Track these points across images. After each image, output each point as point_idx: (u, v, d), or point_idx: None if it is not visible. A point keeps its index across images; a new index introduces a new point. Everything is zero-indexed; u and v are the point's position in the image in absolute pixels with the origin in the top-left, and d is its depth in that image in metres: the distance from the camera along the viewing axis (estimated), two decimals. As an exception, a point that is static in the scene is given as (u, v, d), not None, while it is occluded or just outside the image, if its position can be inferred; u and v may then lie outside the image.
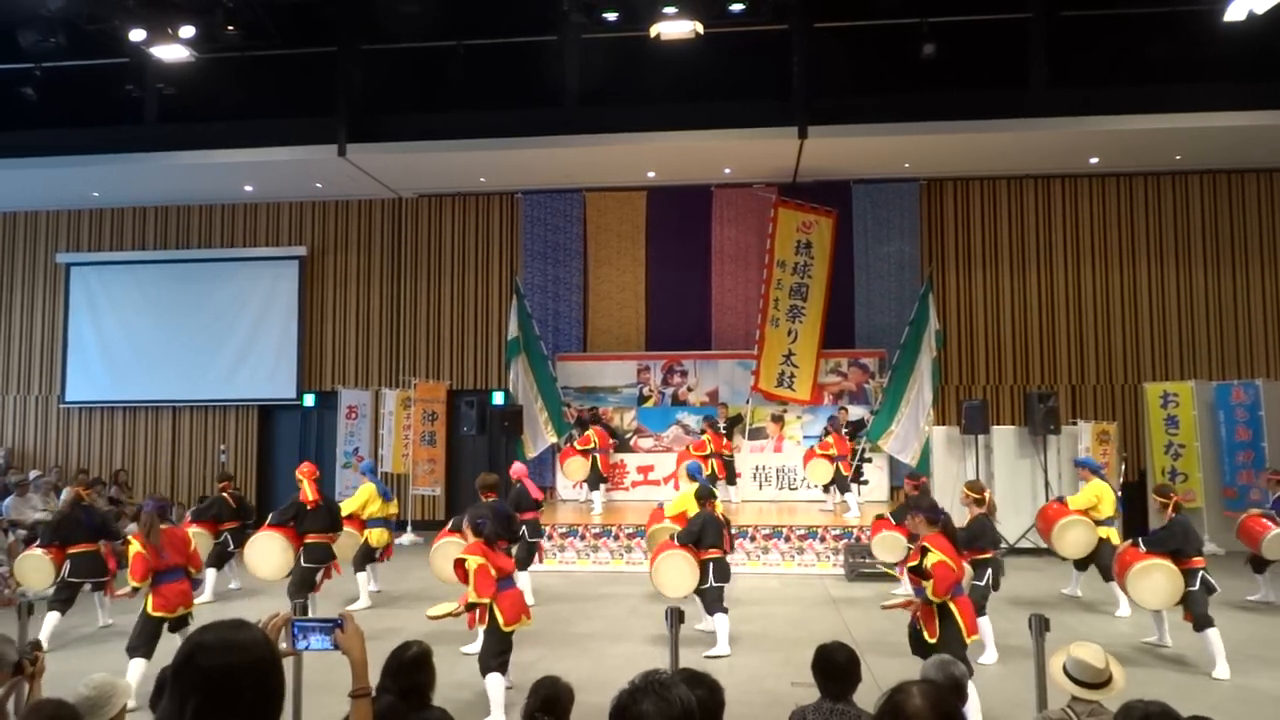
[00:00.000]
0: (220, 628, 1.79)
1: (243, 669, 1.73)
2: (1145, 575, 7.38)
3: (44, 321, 15.95)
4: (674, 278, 14.66)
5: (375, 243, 15.34)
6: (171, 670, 1.78)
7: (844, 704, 3.69)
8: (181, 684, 1.72)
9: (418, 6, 11.44)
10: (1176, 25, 11.35)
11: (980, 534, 7.66)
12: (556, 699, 3.63)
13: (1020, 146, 12.79)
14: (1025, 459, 12.68)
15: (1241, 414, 12.63)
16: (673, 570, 7.86)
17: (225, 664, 1.72)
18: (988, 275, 14.29)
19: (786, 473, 13.86)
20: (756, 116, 12.32)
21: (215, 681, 1.70)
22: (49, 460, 15.43)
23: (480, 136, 12.73)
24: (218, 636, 1.76)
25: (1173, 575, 7.28)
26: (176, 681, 1.74)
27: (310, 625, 2.44)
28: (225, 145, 13.02)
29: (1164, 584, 7.32)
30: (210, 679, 1.70)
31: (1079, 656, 3.94)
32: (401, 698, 3.64)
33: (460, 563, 6.30)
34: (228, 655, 1.73)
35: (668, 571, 7.87)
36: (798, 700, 3.94)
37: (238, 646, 1.75)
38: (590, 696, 6.22)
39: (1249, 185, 13.95)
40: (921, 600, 5.82)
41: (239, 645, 1.75)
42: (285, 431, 15.54)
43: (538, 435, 13.77)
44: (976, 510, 7.85)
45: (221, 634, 1.77)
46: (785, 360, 13.62)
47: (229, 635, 1.77)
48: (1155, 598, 7.41)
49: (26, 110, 12.68)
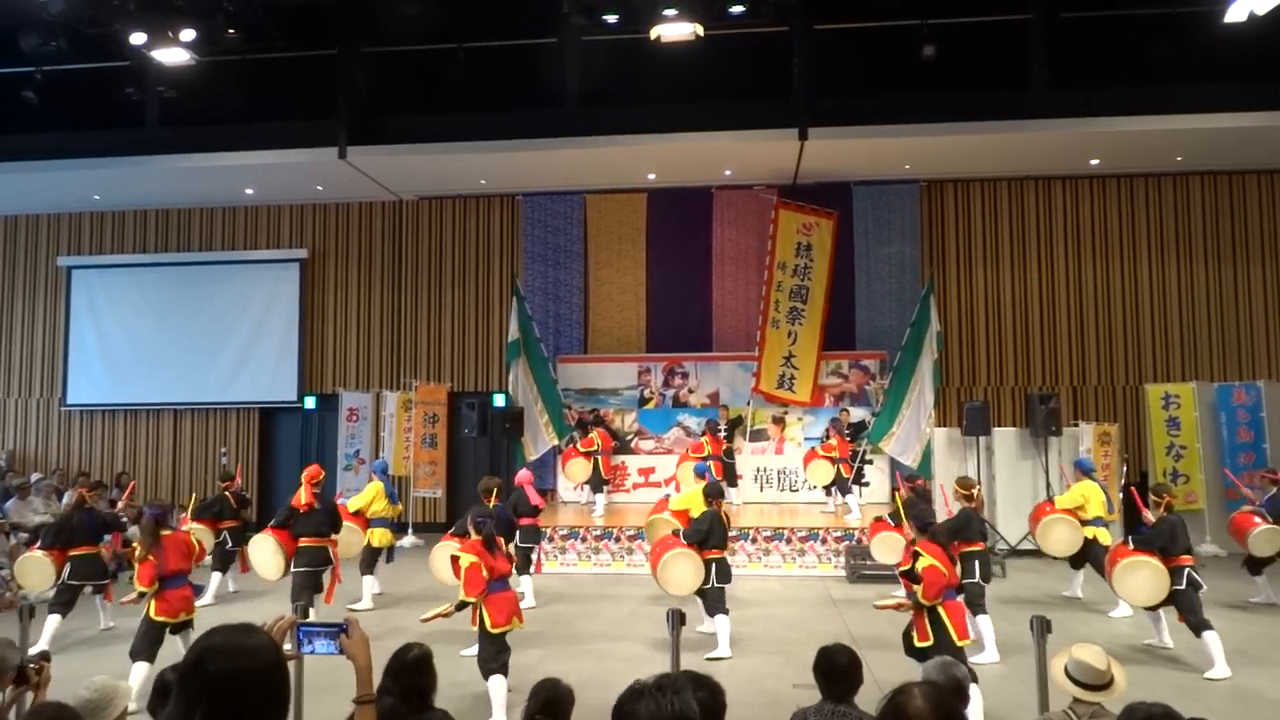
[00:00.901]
0: (227, 632, 1.78)
1: (250, 674, 1.72)
2: (1131, 571, 7.49)
3: (45, 325, 15.96)
4: (674, 279, 14.66)
5: (376, 245, 15.35)
6: (179, 675, 1.77)
7: (845, 705, 3.68)
8: (189, 689, 1.71)
9: (418, 9, 11.45)
10: (1177, 26, 11.35)
11: (966, 526, 7.84)
12: (557, 701, 3.63)
13: (1021, 148, 12.79)
14: (1026, 460, 12.67)
15: (1243, 415, 12.63)
16: (680, 569, 7.85)
17: (233, 669, 1.70)
18: (989, 276, 14.28)
19: (788, 474, 13.85)
20: (757, 118, 12.33)
21: (222, 686, 1.69)
22: (50, 463, 15.43)
23: (480, 139, 12.74)
24: (225, 641, 1.75)
25: (1158, 572, 7.37)
26: (183, 687, 1.72)
27: (316, 629, 2.43)
28: (226, 148, 13.04)
29: (1149, 580, 7.40)
30: (217, 684, 1.69)
31: (1080, 658, 3.94)
32: (403, 700, 3.64)
33: (456, 559, 6.33)
34: (235, 660, 1.72)
35: (675, 570, 7.87)
36: (799, 702, 3.93)
37: (245, 651, 1.74)
38: (591, 698, 6.22)
39: (1250, 186, 13.95)
40: (912, 603, 5.87)
41: (246, 650, 1.74)
42: (286, 434, 15.54)
43: (538, 437, 13.78)
44: (965, 505, 8.08)
45: (228, 639, 1.76)
46: (785, 362, 13.62)
47: (236, 640, 1.76)
48: (1140, 594, 7.50)
49: (28, 114, 12.70)
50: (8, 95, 12.68)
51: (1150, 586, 7.40)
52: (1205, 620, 7.15)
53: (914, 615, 5.92)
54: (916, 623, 5.89)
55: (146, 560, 6.74)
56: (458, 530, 8.51)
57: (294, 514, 8.78)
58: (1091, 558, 9.12)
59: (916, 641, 5.85)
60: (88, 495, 8.95)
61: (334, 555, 8.87)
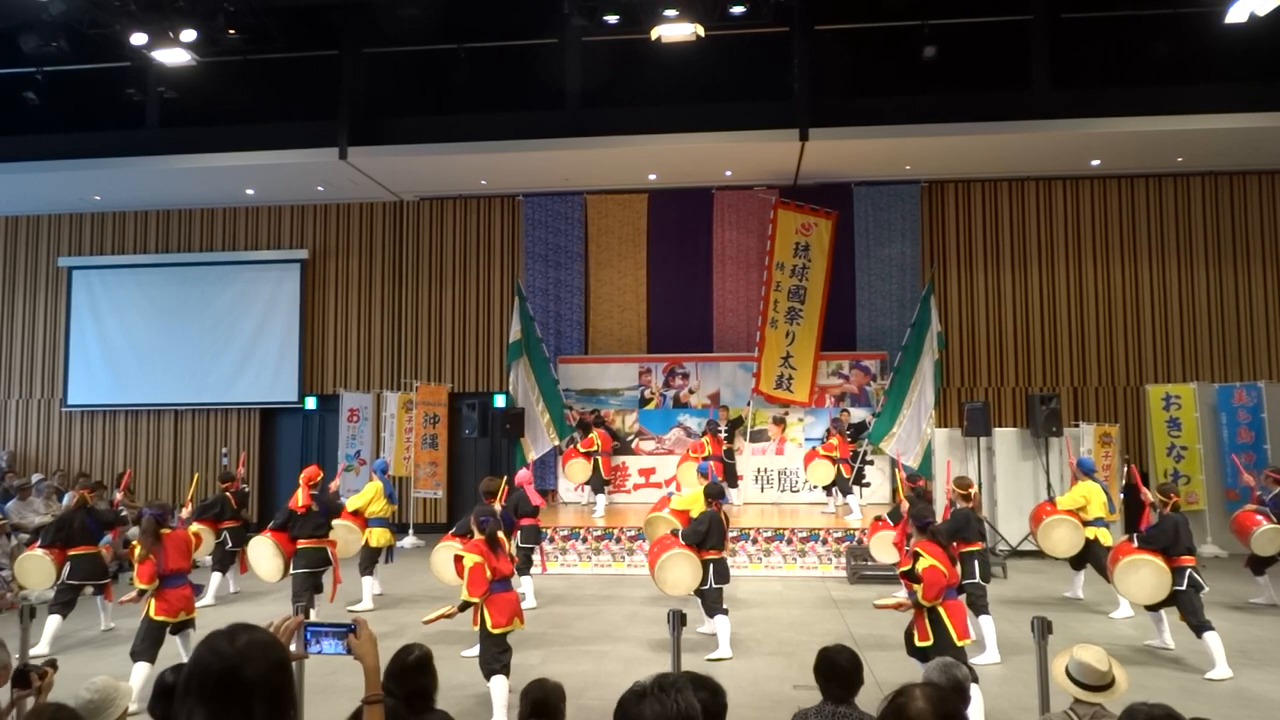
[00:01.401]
0: (232, 633, 1.77)
1: (255, 676, 1.70)
2: (1132, 569, 7.49)
3: (46, 325, 15.97)
4: (675, 280, 14.67)
5: (377, 246, 15.36)
6: (183, 678, 1.75)
7: (846, 707, 3.68)
8: (192, 691, 1.70)
9: (419, 10, 11.46)
10: (1178, 27, 11.36)
11: (964, 526, 7.85)
12: (545, 701, 3.62)
13: (1022, 148, 12.79)
14: (1027, 461, 12.66)
15: (1244, 416, 12.62)
16: (677, 569, 7.84)
17: (237, 670, 1.69)
18: (989, 277, 14.28)
19: (788, 475, 13.85)
20: (758, 119, 12.33)
21: (226, 688, 1.68)
22: (51, 464, 15.44)
23: (481, 139, 12.74)
24: (229, 643, 1.74)
25: (1160, 571, 7.36)
26: (187, 690, 1.71)
27: (323, 630, 2.43)
28: (227, 149, 13.05)
29: (1150, 579, 7.40)
30: (221, 685, 1.68)
31: (1082, 659, 3.93)
32: (404, 701, 3.63)
33: (460, 559, 6.32)
34: (239, 662, 1.70)
35: (672, 570, 7.86)
36: (800, 703, 3.93)
37: (250, 653, 1.73)
38: (592, 699, 6.24)
39: (1251, 187, 13.94)
40: (913, 603, 5.88)
41: (251, 652, 1.73)
42: (287, 435, 15.55)
43: (539, 438, 13.79)
44: (963, 505, 8.09)
45: (233, 640, 1.75)
46: (784, 362, 13.61)
47: (241, 641, 1.75)
48: (1141, 592, 7.50)
49: (29, 114, 12.73)
50: (9, 96, 12.71)
51: (1151, 585, 7.40)
52: (1206, 621, 7.14)
53: (915, 615, 5.93)
54: (917, 623, 5.91)
55: (147, 560, 6.75)
56: (459, 530, 8.51)
57: (292, 516, 8.79)
58: (1092, 558, 9.11)
59: (917, 641, 5.87)
60: (89, 496, 8.96)
61: (333, 556, 8.87)
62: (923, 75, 11.95)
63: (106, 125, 13.34)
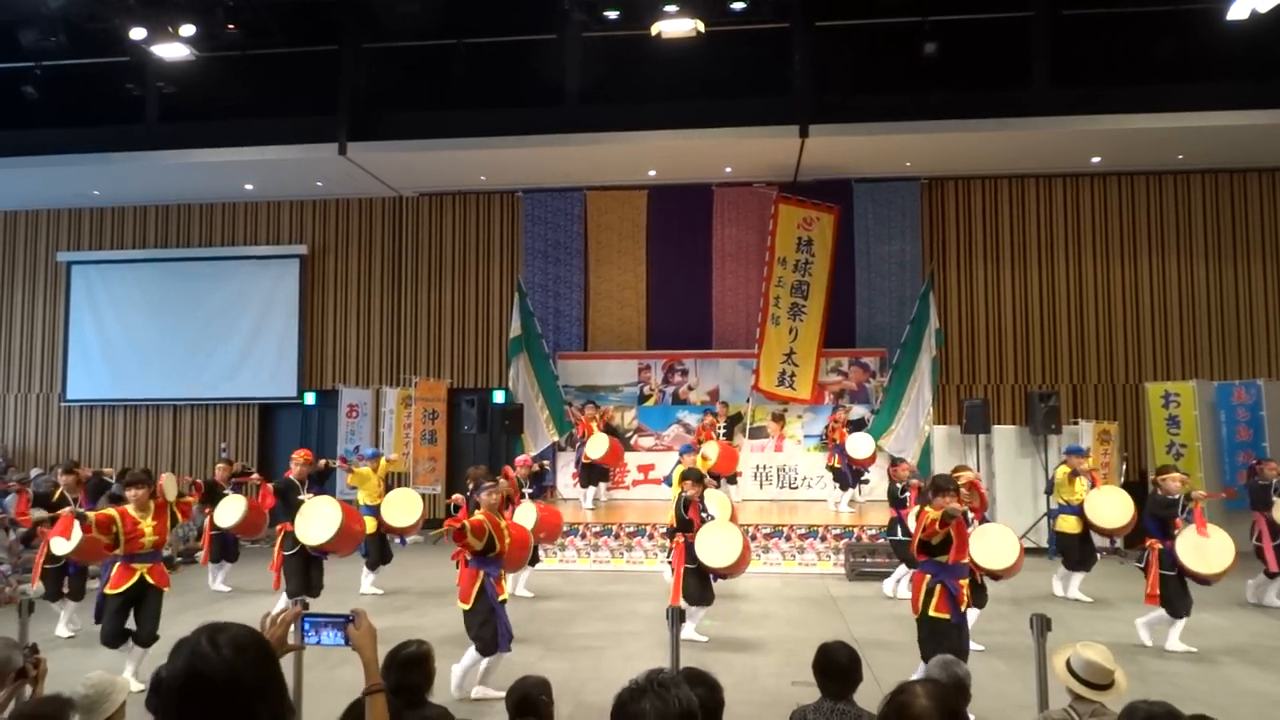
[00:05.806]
0: (218, 630, 1.73)
1: (250, 678, 1.68)
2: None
3: (45, 320, 15.95)
4: (675, 276, 14.64)
5: (376, 241, 15.33)
6: (166, 676, 1.72)
7: (845, 703, 3.67)
8: (175, 692, 1.67)
9: (418, 5, 11.42)
10: (1179, 24, 11.35)
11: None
12: (526, 698, 3.60)
13: (1022, 145, 12.76)
14: (1026, 458, 12.65)
15: (1243, 414, 12.62)
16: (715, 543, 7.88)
17: (224, 668, 1.66)
18: (989, 274, 14.26)
19: (787, 472, 13.85)
20: (758, 115, 12.30)
21: (224, 694, 1.65)
22: (50, 459, 15.42)
23: (481, 135, 12.72)
24: (211, 643, 1.69)
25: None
26: (169, 690, 1.68)
27: (322, 620, 2.42)
28: (226, 144, 13.01)
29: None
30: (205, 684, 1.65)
31: (1087, 657, 3.91)
32: (398, 695, 3.63)
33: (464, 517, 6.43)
34: (221, 659, 1.67)
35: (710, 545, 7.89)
36: (798, 700, 3.92)
37: (234, 652, 1.69)
38: (590, 696, 6.23)
39: (1251, 185, 13.92)
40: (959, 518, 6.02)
41: (234, 651, 1.69)
42: (286, 430, 15.52)
43: (538, 434, 13.78)
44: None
45: (216, 638, 1.70)
46: (786, 359, 13.60)
47: (226, 639, 1.70)
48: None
49: (27, 109, 12.68)
50: (8, 90, 12.66)
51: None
52: (1185, 610, 7.49)
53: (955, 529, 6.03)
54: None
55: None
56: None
57: (290, 486, 8.88)
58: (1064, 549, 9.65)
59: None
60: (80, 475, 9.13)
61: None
62: (923, 72, 11.91)
63: (105, 120, 13.30)
